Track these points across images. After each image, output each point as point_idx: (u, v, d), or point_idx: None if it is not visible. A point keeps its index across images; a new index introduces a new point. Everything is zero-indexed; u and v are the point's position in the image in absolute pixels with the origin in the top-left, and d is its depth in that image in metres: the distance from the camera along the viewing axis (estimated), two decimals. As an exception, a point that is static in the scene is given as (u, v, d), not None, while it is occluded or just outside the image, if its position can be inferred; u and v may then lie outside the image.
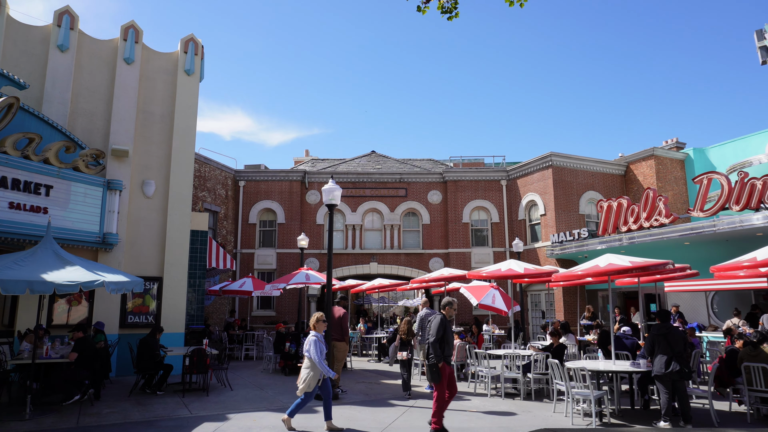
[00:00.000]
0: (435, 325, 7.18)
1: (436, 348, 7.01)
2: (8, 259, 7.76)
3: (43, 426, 7.37)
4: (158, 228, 12.84)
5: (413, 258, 22.37)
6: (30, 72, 11.74)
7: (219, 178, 21.25)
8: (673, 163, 20.85)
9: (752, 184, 13.13)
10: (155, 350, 9.92)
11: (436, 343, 7.03)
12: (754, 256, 8.84)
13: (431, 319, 7.35)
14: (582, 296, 18.96)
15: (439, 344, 7.02)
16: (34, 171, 10.42)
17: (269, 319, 20.90)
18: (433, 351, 7.04)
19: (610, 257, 9.44)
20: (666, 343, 7.50)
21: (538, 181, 20.63)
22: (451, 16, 6.24)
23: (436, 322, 7.22)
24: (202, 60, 14.18)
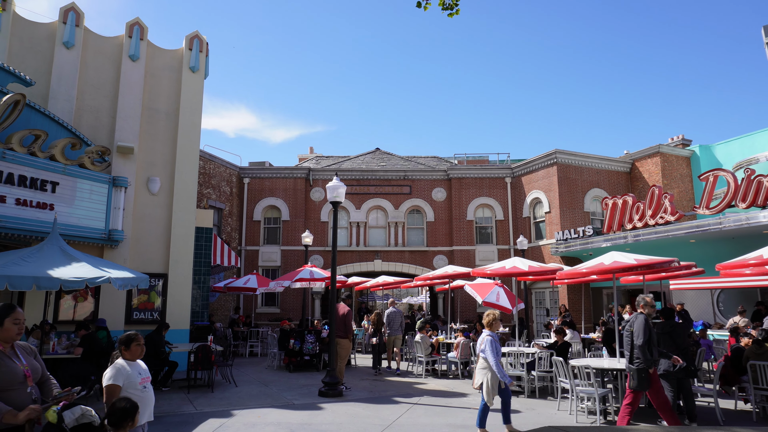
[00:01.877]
0: (640, 326, 6.39)
1: (645, 351, 6.25)
2: (15, 255, 7.81)
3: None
4: (163, 225, 12.88)
5: (417, 255, 22.35)
6: (36, 69, 11.77)
7: (224, 175, 21.29)
8: (679, 160, 20.74)
9: (759, 182, 13.04)
10: (160, 347, 9.97)
11: (644, 346, 6.27)
12: (761, 254, 8.78)
13: (632, 320, 6.61)
14: (587, 294, 18.91)
15: (648, 347, 6.28)
16: (40, 168, 10.47)
17: (274, 316, 20.96)
18: (641, 355, 6.28)
19: (615, 255, 9.40)
20: (671, 341, 7.47)
21: (543, 178, 20.56)
22: (452, 12, 6.21)
23: (640, 323, 6.41)
24: (206, 57, 14.19)
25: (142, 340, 4.09)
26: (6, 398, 3.06)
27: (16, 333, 3.29)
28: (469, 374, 11.91)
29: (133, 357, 4.01)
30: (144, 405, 3.72)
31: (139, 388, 3.92)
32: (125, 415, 3.23)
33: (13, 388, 3.11)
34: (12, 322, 3.28)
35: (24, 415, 3.09)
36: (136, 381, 3.91)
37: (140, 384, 3.95)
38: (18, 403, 3.11)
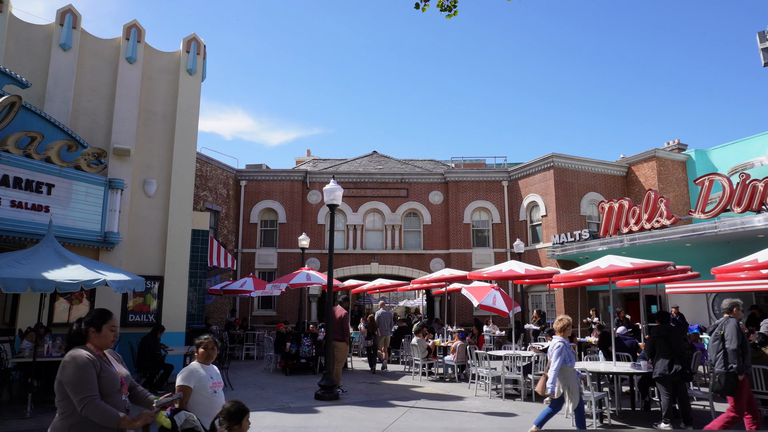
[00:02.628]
0: (732, 330, 6.22)
1: (738, 356, 6.06)
2: (9, 257, 7.77)
3: (43, 424, 7.36)
4: (159, 227, 12.84)
5: (414, 258, 22.36)
6: (32, 71, 11.74)
7: (220, 178, 21.26)
8: (675, 164, 20.83)
9: (754, 186, 13.10)
10: (156, 349, 9.93)
11: (738, 350, 6.10)
12: (756, 258, 8.81)
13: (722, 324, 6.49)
14: (583, 297, 18.95)
15: (741, 351, 6.08)
16: (35, 169, 10.43)
17: (270, 319, 20.91)
18: (734, 360, 6.10)
19: (611, 258, 9.42)
20: (667, 345, 7.49)
21: (540, 182, 20.61)
22: (450, 14, 6.24)
23: (732, 328, 6.25)
24: (204, 59, 14.18)
25: (212, 345, 4.19)
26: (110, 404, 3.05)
27: (111, 340, 3.29)
28: (465, 378, 11.89)
29: (207, 360, 4.09)
30: (213, 409, 3.74)
31: (209, 391, 3.98)
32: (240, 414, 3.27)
33: (112, 395, 3.10)
34: (109, 329, 3.27)
35: (141, 421, 3.11)
36: (207, 384, 3.96)
37: (211, 388, 4.00)
38: (120, 410, 3.11)
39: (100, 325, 3.23)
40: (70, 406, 2.98)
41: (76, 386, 2.94)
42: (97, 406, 2.93)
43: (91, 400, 2.93)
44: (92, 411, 2.92)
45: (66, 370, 3.00)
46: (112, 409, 3.00)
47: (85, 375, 2.97)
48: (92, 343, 3.19)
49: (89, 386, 2.96)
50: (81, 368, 2.98)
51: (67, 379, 2.97)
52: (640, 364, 8.36)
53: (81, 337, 3.19)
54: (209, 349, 4.12)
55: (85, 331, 3.20)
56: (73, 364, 2.99)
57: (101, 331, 3.22)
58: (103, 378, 3.07)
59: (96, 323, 3.23)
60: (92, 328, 3.21)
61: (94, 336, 3.20)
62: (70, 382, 2.96)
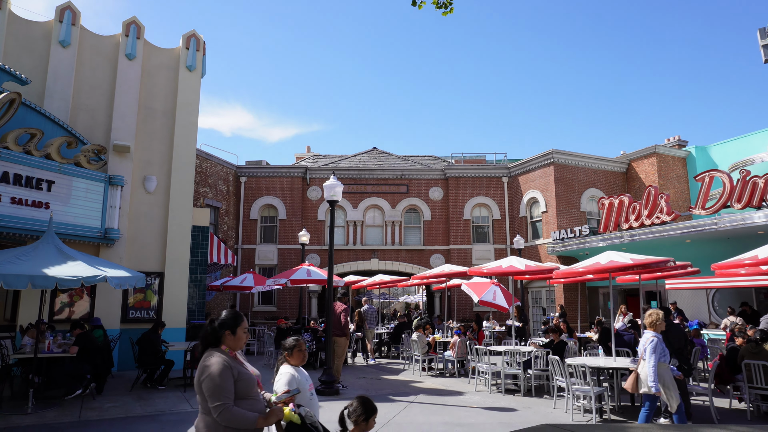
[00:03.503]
0: None
1: None
2: (10, 253, 7.78)
3: (45, 420, 7.41)
4: (160, 223, 12.86)
5: (414, 254, 22.37)
6: (32, 68, 11.73)
7: (220, 174, 21.26)
8: (675, 160, 20.81)
9: (754, 182, 13.10)
10: (157, 345, 9.95)
11: None
12: (756, 254, 8.83)
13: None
14: (583, 293, 18.97)
15: None
16: (35, 166, 10.44)
17: (270, 315, 20.95)
18: None
19: (611, 254, 9.43)
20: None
21: (540, 178, 20.60)
22: (446, 11, 6.23)
23: None
24: (203, 56, 14.16)
25: (304, 347, 4.18)
26: (248, 406, 3.10)
27: (244, 341, 3.33)
28: (465, 373, 11.93)
29: (298, 363, 4.10)
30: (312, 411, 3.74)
31: (308, 394, 4.01)
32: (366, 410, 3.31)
33: (251, 396, 3.15)
34: (243, 331, 3.29)
35: (274, 417, 3.15)
36: (306, 387, 3.98)
37: (309, 390, 4.03)
38: (258, 409, 3.14)
39: (234, 327, 3.24)
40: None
41: (213, 393, 2.98)
42: (231, 413, 2.98)
43: (226, 408, 2.97)
44: (228, 418, 2.98)
45: (205, 375, 3.04)
46: (247, 413, 3.04)
47: (222, 382, 3.00)
48: (227, 345, 3.21)
49: (225, 393, 2.99)
50: (219, 375, 3.01)
51: (206, 383, 3.02)
52: (640, 360, 8.37)
53: (216, 339, 3.21)
54: (303, 350, 4.10)
55: (221, 333, 3.21)
56: (211, 370, 3.02)
57: (236, 334, 3.24)
58: (241, 381, 3.11)
59: (231, 326, 3.23)
60: (227, 331, 3.22)
61: (230, 338, 3.22)
62: (208, 388, 3.01)
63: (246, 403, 3.09)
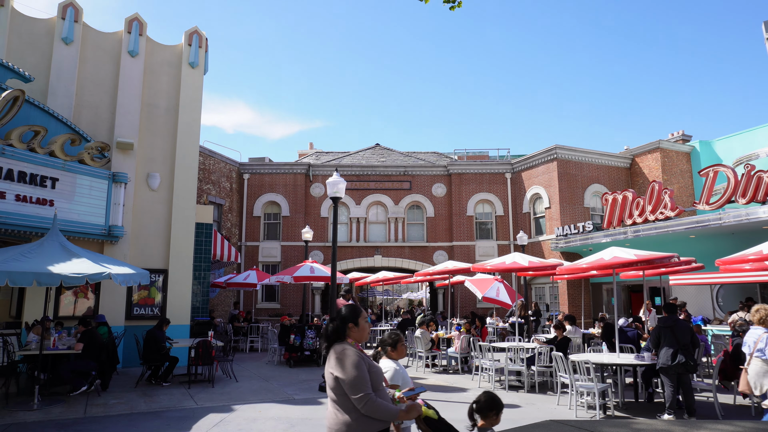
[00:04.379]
0: None
1: None
2: (15, 251, 7.81)
3: (50, 416, 7.45)
4: (163, 220, 12.88)
5: (417, 251, 22.37)
6: (35, 65, 11.75)
7: (223, 171, 21.28)
8: (679, 155, 20.72)
9: (759, 177, 13.03)
10: (161, 342, 9.99)
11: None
12: (760, 250, 8.79)
13: None
14: (586, 289, 18.95)
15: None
16: (39, 164, 10.47)
17: (274, 312, 21.00)
18: None
19: (615, 250, 9.40)
20: (672, 336, 7.49)
21: (543, 174, 20.55)
22: (454, 5, 6.15)
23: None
24: (206, 53, 14.16)
25: (404, 340, 4.17)
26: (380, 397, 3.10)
27: (368, 332, 3.33)
28: (469, 370, 11.93)
29: (399, 356, 4.09)
30: None
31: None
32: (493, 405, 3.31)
33: (379, 389, 3.13)
34: (364, 321, 3.30)
35: (414, 412, 3.14)
36: (409, 381, 3.97)
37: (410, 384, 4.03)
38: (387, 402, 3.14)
39: (357, 319, 3.24)
40: (349, 401, 3.01)
41: (354, 385, 2.96)
42: (375, 403, 2.97)
43: (370, 398, 2.96)
44: (373, 409, 2.95)
45: (341, 367, 3.02)
46: (390, 405, 3.05)
47: (360, 373, 2.99)
48: (352, 338, 3.22)
49: (366, 384, 2.98)
50: (356, 366, 3.00)
51: (344, 376, 3.00)
52: (644, 356, 8.36)
53: (341, 334, 3.21)
54: (401, 346, 4.09)
55: (343, 328, 3.21)
56: (348, 362, 3.02)
57: (359, 325, 3.24)
58: (372, 373, 3.10)
59: (353, 318, 3.24)
60: (351, 323, 3.22)
61: (354, 331, 3.23)
62: (347, 381, 2.98)
63: (377, 394, 3.08)
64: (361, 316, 3.27)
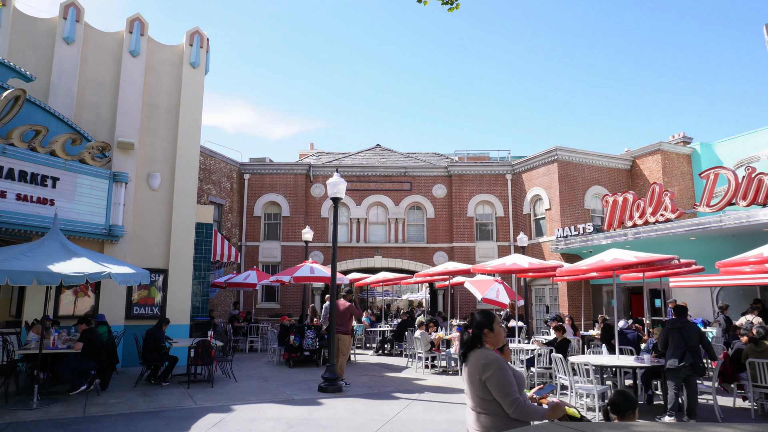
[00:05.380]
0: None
1: None
2: (15, 250, 7.82)
3: (50, 415, 7.45)
4: (164, 220, 12.89)
5: (417, 252, 22.37)
6: (36, 64, 11.76)
7: (224, 171, 21.30)
8: (680, 157, 20.71)
9: (760, 180, 13.02)
10: (161, 342, 9.99)
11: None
12: (761, 252, 8.78)
13: None
14: (586, 291, 18.93)
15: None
16: (40, 163, 10.48)
17: (273, 312, 21.00)
18: None
19: (615, 252, 9.40)
20: (680, 337, 7.50)
21: (544, 175, 20.54)
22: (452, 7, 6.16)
23: None
24: (207, 53, 14.17)
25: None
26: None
27: (503, 336, 3.39)
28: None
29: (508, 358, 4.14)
30: None
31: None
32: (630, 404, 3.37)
33: (521, 392, 3.20)
34: (499, 326, 3.36)
35: (560, 412, 3.21)
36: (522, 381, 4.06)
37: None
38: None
39: (491, 324, 3.32)
40: (495, 405, 3.08)
41: (504, 390, 3.04)
42: (526, 407, 3.05)
43: (520, 402, 3.04)
44: (524, 412, 3.03)
45: (489, 372, 3.09)
46: (538, 407, 3.13)
47: (508, 377, 3.08)
48: (489, 343, 3.29)
49: (514, 388, 3.07)
50: (504, 370, 3.09)
51: (494, 381, 3.07)
52: (644, 358, 8.36)
53: (477, 340, 3.30)
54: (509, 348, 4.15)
55: (480, 334, 3.29)
56: (496, 368, 3.10)
57: (494, 330, 3.31)
58: (516, 377, 3.18)
59: (488, 324, 3.32)
60: (486, 329, 3.30)
61: (490, 336, 3.30)
62: (498, 386, 3.05)
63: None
64: (495, 321, 3.34)
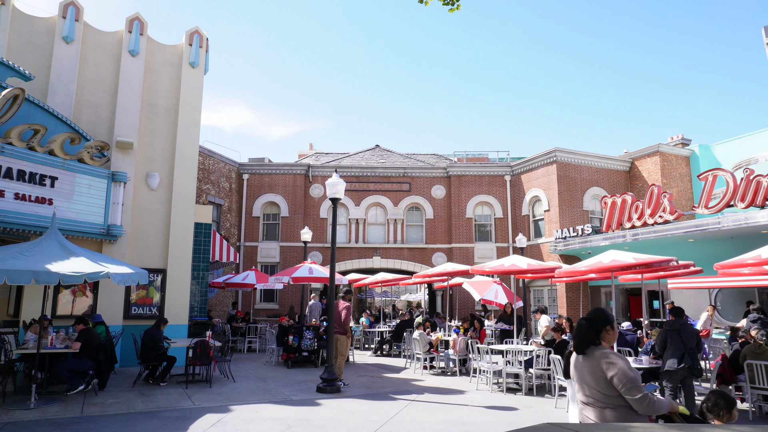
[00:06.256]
0: None
1: None
2: (13, 249, 7.80)
3: (47, 415, 7.44)
4: (162, 220, 12.87)
5: (416, 252, 22.37)
6: (35, 63, 11.74)
7: (223, 171, 21.28)
8: (679, 159, 20.75)
9: (758, 182, 13.04)
10: (159, 342, 9.98)
11: None
12: (759, 254, 8.80)
13: None
14: (585, 292, 18.95)
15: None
16: (39, 162, 10.46)
17: (272, 312, 20.98)
18: None
19: (614, 253, 9.42)
20: (679, 339, 7.51)
21: (542, 176, 20.56)
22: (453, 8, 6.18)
23: None
24: (206, 53, 14.16)
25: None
26: None
27: (616, 336, 3.52)
28: (467, 372, 11.94)
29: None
30: None
31: None
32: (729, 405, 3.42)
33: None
34: (615, 324, 3.49)
35: (675, 408, 3.33)
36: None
37: None
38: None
39: (613, 323, 3.47)
40: (620, 400, 3.22)
41: (632, 386, 3.18)
42: (654, 402, 3.19)
43: (649, 397, 3.18)
44: (653, 408, 3.18)
45: (614, 370, 3.23)
46: (663, 400, 3.25)
47: (635, 375, 3.22)
48: (606, 341, 3.44)
49: (640, 385, 3.21)
50: (630, 369, 3.22)
51: (621, 379, 3.20)
52: (642, 360, 8.37)
53: (597, 337, 3.41)
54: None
55: (600, 330, 3.41)
56: (620, 365, 3.23)
57: (614, 328, 3.47)
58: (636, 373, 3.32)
59: (610, 322, 3.45)
60: (608, 326, 3.43)
61: (610, 333, 3.44)
62: (626, 383, 3.19)
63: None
64: (613, 318, 3.47)
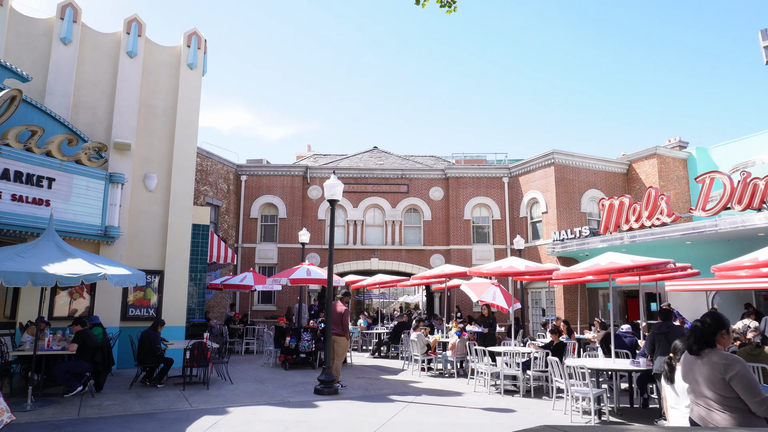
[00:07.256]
0: None
1: None
2: (10, 250, 7.78)
3: (44, 417, 7.41)
4: (160, 221, 12.85)
5: (414, 254, 22.37)
6: (33, 64, 11.72)
7: (221, 173, 21.26)
8: (676, 162, 20.80)
9: (755, 184, 13.08)
10: (156, 343, 9.96)
11: None
12: (756, 257, 8.82)
13: None
14: (583, 294, 18.97)
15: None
16: (36, 163, 10.43)
17: (270, 314, 20.95)
18: None
19: (612, 255, 9.43)
20: (667, 342, 7.51)
21: (540, 178, 20.59)
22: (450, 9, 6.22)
23: None
24: (204, 54, 14.15)
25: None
26: None
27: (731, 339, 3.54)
28: (464, 374, 11.94)
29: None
30: None
31: None
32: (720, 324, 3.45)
33: None
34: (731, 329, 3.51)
35: None
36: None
37: None
38: None
39: (728, 327, 3.44)
40: (739, 402, 3.23)
41: (752, 389, 3.20)
42: None
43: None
44: None
45: (734, 372, 3.24)
46: None
47: (753, 377, 3.23)
48: (721, 344, 3.42)
49: (759, 387, 3.22)
50: (750, 372, 3.24)
51: (739, 380, 3.22)
52: (639, 361, 8.38)
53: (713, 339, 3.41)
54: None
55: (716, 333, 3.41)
56: (741, 368, 3.24)
57: (729, 333, 3.45)
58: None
59: (726, 326, 3.44)
60: (724, 330, 3.42)
61: (725, 337, 3.43)
62: (745, 385, 3.21)
63: None
64: (728, 324, 3.46)
